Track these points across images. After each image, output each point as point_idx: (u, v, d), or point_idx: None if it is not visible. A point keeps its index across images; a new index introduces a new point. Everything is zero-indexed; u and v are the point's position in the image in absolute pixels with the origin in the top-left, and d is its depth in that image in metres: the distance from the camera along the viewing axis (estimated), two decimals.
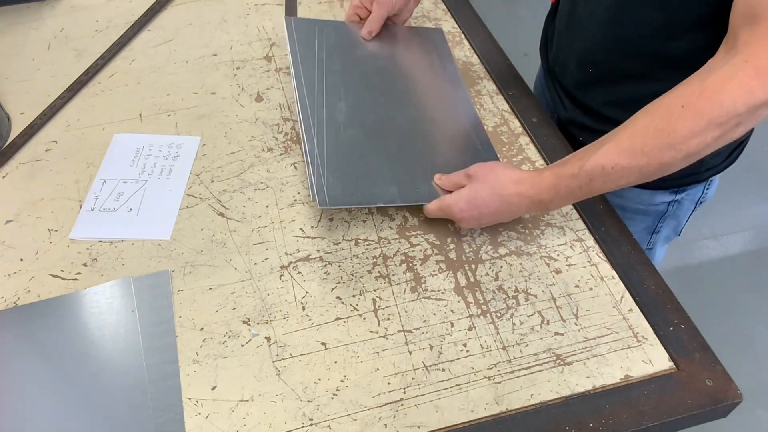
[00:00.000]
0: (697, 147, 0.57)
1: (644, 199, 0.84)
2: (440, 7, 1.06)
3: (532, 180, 0.65)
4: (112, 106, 0.88)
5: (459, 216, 0.68)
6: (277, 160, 0.80)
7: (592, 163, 0.60)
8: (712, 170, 0.82)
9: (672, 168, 0.59)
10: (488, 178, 0.67)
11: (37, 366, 0.61)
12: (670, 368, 0.60)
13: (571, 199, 0.64)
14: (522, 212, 0.69)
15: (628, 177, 0.60)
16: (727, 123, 0.55)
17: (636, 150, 0.58)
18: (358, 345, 0.62)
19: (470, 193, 0.67)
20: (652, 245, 0.92)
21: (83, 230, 0.72)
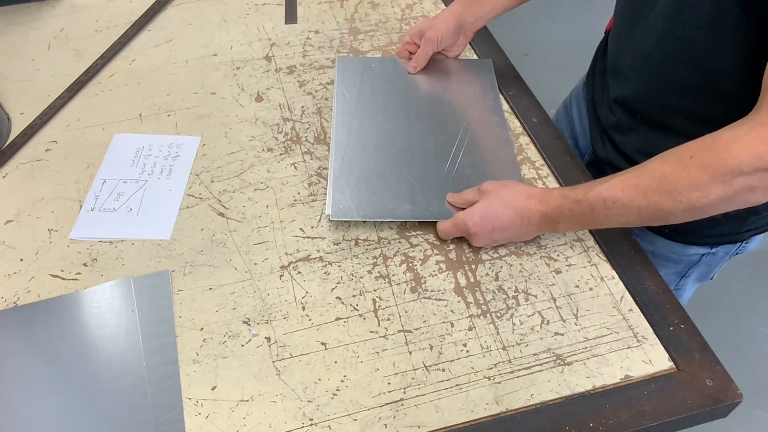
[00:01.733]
0: (699, 201, 0.56)
1: (677, 250, 0.81)
2: (440, 7, 1.06)
3: (542, 195, 0.66)
4: (112, 106, 0.88)
5: (473, 230, 0.67)
6: (277, 160, 0.80)
7: (595, 193, 0.61)
8: (752, 231, 0.78)
9: (673, 217, 0.59)
10: (500, 192, 0.68)
11: (37, 366, 0.61)
12: (670, 368, 0.60)
13: (577, 225, 0.65)
14: (533, 229, 0.67)
15: (628, 215, 0.60)
16: (732, 182, 0.54)
17: (639, 190, 0.59)
18: (358, 345, 0.62)
19: (483, 207, 0.67)
20: (681, 287, 0.89)
21: (83, 230, 0.72)
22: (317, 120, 0.86)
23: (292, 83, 0.91)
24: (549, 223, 0.66)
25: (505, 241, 0.70)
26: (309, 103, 0.88)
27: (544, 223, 0.66)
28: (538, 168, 0.79)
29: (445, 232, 0.70)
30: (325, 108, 0.87)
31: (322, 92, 0.90)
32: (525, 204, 0.66)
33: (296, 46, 0.98)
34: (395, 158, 0.77)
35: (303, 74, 0.93)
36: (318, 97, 0.89)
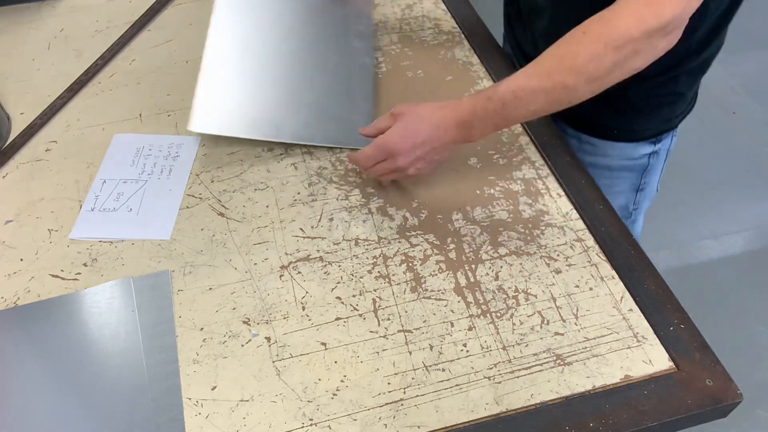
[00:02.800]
0: (597, 70, 0.61)
1: (628, 153, 0.89)
2: (440, 7, 1.06)
3: (454, 104, 0.69)
4: (112, 106, 0.88)
5: (395, 149, 0.69)
6: (277, 160, 0.80)
7: (504, 87, 0.65)
8: (680, 116, 0.88)
9: (577, 93, 0.63)
10: (414, 110, 0.70)
11: (37, 366, 0.61)
12: (670, 368, 0.60)
13: (491, 124, 0.67)
14: (450, 137, 0.69)
15: (536, 101, 0.64)
16: (623, 48, 0.60)
17: (542, 73, 0.63)
18: (358, 345, 0.62)
19: (400, 125, 0.70)
20: (638, 205, 0.97)
21: (83, 230, 0.72)
22: None
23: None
24: (464, 129, 0.68)
25: (428, 156, 0.70)
26: None
27: (459, 129, 0.68)
28: (538, 168, 0.79)
29: (365, 158, 0.71)
30: None
31: None
32: (439, 113, 0.69)
33: None
34: (270, 78, 0.76)
35: None
36: None
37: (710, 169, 1.99)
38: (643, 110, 0.84)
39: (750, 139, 2.08)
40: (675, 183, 1.94)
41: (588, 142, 0.89)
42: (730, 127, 2.13)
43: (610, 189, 0.92)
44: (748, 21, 2.54)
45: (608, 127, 0.87)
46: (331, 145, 0.80)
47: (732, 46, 2.52)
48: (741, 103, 2.20)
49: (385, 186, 0.77)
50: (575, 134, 0.90)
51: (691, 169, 1.99)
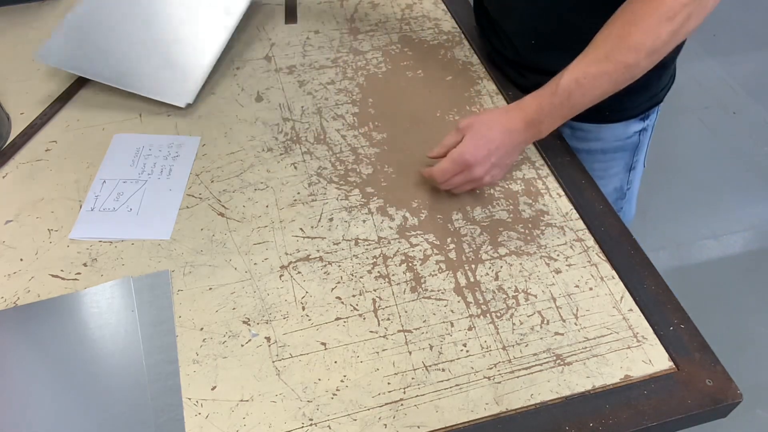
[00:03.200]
0: (654, 43, 0.62)
1: (620, 133, 0.90)
2: (440, 7, 1.06)
3: (518, 104, 0.71)
4: (112, 106, 0.88)
5: (472, 160, 0.69)
6: (277, 160, 0.80)
7: (566, 79, 0.67)
8: (665, 89, 0.90)
9: (638, 68, 0.65)
10: (480, 119, 0.71)
11: (37, 366, 0.61)
12: (670, 368, 0.60)
13: (558, 117, 0.69)
14: (522, 138, 0.71)
15: (601, 85, 0.66)
16: (676, 16, 0.61)
17: (600, 58, 0.65)
18: (358, 345, 0.62)
19: (472, 136, 0.70)
20: (630, 184, 0.98)
21: (83, 230, 0.72)
22: (317, 120, 0.86)
23: (292, 83, 0.91)
24: (533, 127, 0.70)
25: (502, 161, 0.71)
26: (309, 103, 0.88)
27: (529, 128, 0.70)
28: (538, 168, 0.79)
29: (442, 172, 0.71)
30: (325, 108, 0.87)
31: (322, 92, 0.90)
32: (506, 118, 0.70)
33: (296, 46, 0.98)
34: (126, 31, 0.81)
35: (303, 74, 0.93)
36: (318, 97, 0.89)
37: (710, 169, 1.99)
38: (631, 88, 0.84)
39: (750, 139, 2.08)
40: (675, 183, 1.94)
41: (580, 129, 0.90)
42: (730, 127, 2.13)
43: (606, 172, 0.93)
44: (748, 21, 2.54)
45: (600, 110, 0.87)
46: (153, 97, 0.86)
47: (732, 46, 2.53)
48: (741, 103, 2.20)
49: (384, 186, 0.77)
50: (567, 122, 0.91)
51: (692, 169, 1.99)
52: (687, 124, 2.13)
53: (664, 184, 1.93)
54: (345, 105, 0.88)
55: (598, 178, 0.80)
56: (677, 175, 1.97)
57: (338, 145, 0.82)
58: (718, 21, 2.52)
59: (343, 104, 0.88)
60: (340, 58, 0.96)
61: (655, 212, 1.86)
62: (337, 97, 0.89)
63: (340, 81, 0.92)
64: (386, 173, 0.79)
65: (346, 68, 0.94)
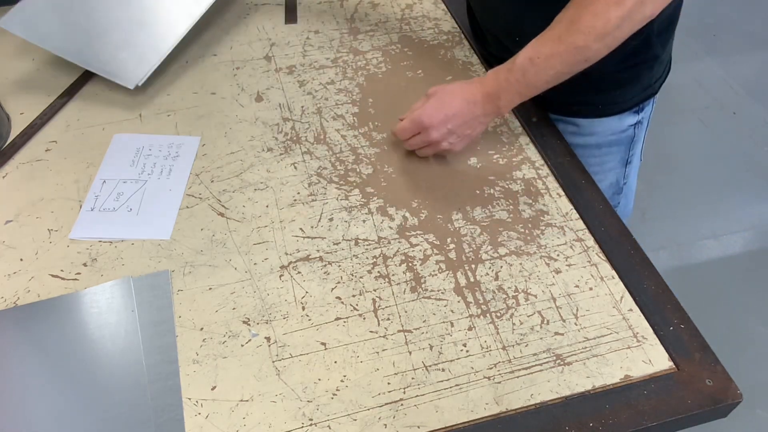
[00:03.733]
0: (604, 27, 0.64)
1: (614, 127, 0.90)
2: (440, 7, 1.06)
3: (479, 80, 0.74)
4: (112, 106, 0.88)
5: (428, 122, 0.73)
6: (277, 160, 0.80)
7: (521, 57, 0.70)
8: (659, 81, 0.90)
9: (589, 51, 0.66)
10: (445, 88, 0.76)
11: (37, 366, 0.61)
12: (670, 368, 0.60)
13: (515, 93, 0.71)
14: (480, 110, 0.73)
15: (553, 65, 0.68)
16: (625, 1, 0.62)
17: (553, 38, 0.68)
18: (358, 345, 0.62)
19: (433, 101, 0.75)
20: (627, 178, 0.98)
21: (83, 230, 0.72)
22: (317, 120, 0.86)
23: (292, 83, 0.91)
24: (491, 101, 0.72)
25: (459, 130, 0.74)
26: (309, 103, 0.88)
27: (487, 101, 0.73)
28: (538, 168, 0.79)
29: (401, 130, 0.77)
30: (325, 108, 0.87)
31: (322, 92, 0.90)
32: (467, 89, 0.74)
33: (296, 46, 0.98)
34: (88, 8, 0.82)
35: (303, 74, 0.93)
36: (318, 97, 0.89)
37: (710, 169, 1.99)
38: (624, 81, 0.85)
39: (750, 139, 2.08)
40: (675, 183, 1.94)
41: (573, 124, 0.90)
42: (730, 127, 2.13)
43: (602, 167, 0.94)
44: (748, 21, 2.54)
45: (592, 104, 0.88)
46: (105, 76, 0.87)
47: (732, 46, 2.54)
48: (741, 103, 2.20)
49: (384, 186, 0.77)
50: (560, 118, 0.91)
51: (692, 169, 1.99)
52: (687, 124, 2.13)
53: (664, 184, 1.93)
54: (345, 105, 0.88)
55: (594, 174, 0.81)
56: (677, 175, 1.97)
57: (338, 145, 0.82)
58: (718, 21, 2.52)
59: (343, 104, 0.88)
60: (340, 58, 0.96)
61: (655, 212, 1.86)
62: (337, 97, 0.89)
63: (340, 81, 0.92)
64: (386, 173, 0.79)
65: (346, 68, 0.94)
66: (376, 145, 0.82)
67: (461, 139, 0.75)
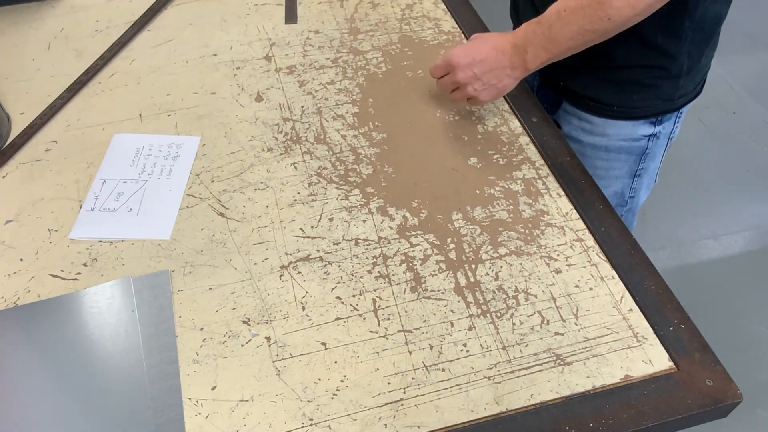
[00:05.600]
0: None
1: (627, 133, 0.89)
2: (440, 7, 1.06)
3: (511, 32, 0.77)
4: (112, 106, 0.88)
5: (455, 61, 0.76)
6: (277, 160, 0.80)
7: (550, 10, 0.72)
8: (683, 98, 0.88)
9: (612, 8, 0.67)
10: (481, 35, 0.79)
11: (37, 366, 0.61)
12: (670, 368, 0.60)
13: (541, 47, 0.73)
14: (507, 60, 0.75)
15: (577, 19, 0.70)
16: None
17: None
18: (358, 345, 0.62)
19: (465, 45, 0.78)
20: (634, 192, 0.97)
21: (83, 230, 0.72)
22: (317, 120, 0.86)
23: (292, 83, 0.91)
24: (519, 53, 0.74)
25: (485, 77, 0.76)
26: (309, 103, 0.88)
27: (515, 52, 0.74)
28: (538, 168, 0.79)
29: (434, 68, 0.81)
30: (325, 108, 0.87)
31: (322, 92, 0.90)
32: (498, 38, 0.76)
33: (296, 46, 0.98)
34: None
35: (303, 74, 0.93)
36: (318, 97, 0.89)
37: (710, 169, 1.99)
38: (643, 85, 0.84)
39: (750, 139, 2.08)
40: (675, 183, 1.94)
41: (587, 120, 0.90)
42: (730, 127, 2.13)
43: (607, 173, 0.93)
44: (748, 21, 2.53)
45: (608, 103, 0.87)
46: None
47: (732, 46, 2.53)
48: (741, 103, 2.20)
49: (384, 186, 0.77)
50: (574, 112, 0.90)
51: (691, 169, 1.99)
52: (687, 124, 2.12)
53: (664, 184, 1.93)
54: (345, 105, 0.88)
55: (599, 178, 0.81)
56: (677, 174, 1.97)
57: (338, 145, 0.82)
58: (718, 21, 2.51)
59: (343, 104, 0.88)
60: (340, 58, 0.96)
61: (655, 212, 1.86)
62: (337, 97, 0.89)
63: (340, 81, 0.92)
64: (386, 173, 0.79)
65: (346, 68, 0.94)
66: (376, 145, 0.82)
67: (487, 88, 0.77)
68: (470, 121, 0.85)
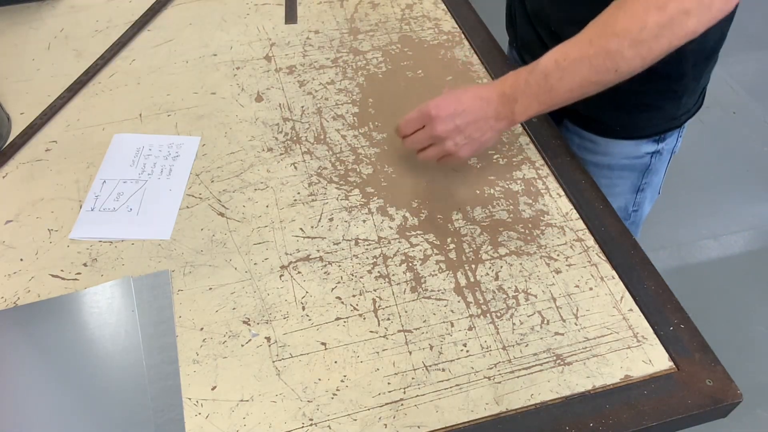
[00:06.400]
0: (641, 33, 0.58)
1: (630, 152, 0.87)
2: (440, 7, 1.06)
3: (498, 79, 0.69)
4: (112, 106, 0.88)
5: (435, 113, 0.67)
6: (277, 160, 0.80)
7: (546, 58, 0.64)
8: (686, 114, 0.86)
9: (621, 58, 0.60)
10: (461, 86, 0.71)
11: (37, 366, 0.61)
12: (670, 368, 0.60)
13: (533, 98, 0.65)
14: (492, 110, 0.67)
15: (580, 70, 0.62)
16: (667, 6, 0.56)
17: (583, 41, 0.62)
18: (358, 345, 0.62)
19: (445, 95, 0.69)
20: (638, 206, 0.95)
21: (83, 230, 0.72)
22: (317, 120, 0.86)
23: (292, 83, 0.91)
24: (507, 103, 0.66)
25: (468, 129, 0.68)
26: (309, 103, 0.88)
27: (502, 102, 0.67)
28: (538, 168, 0.79)
29: (406, 122, 0.71)
30: (325, 108, 0.87)
31: (322, 92, 0.90)
32: (483, 87, 0.69)
33: (296, 46, 0.98)
34: None
35: (303, 74, 0.93)
36: (318, 97, 0.89)
37: (710, 169, 1.99)
38: (646, 106, 0.82)
39: (750, 139, 2.08)
40: (675, 183, 1.94)
41: (589, 140, 0.89)
42: (730, 127, 2.13)
43: (610, 190, 0.92)
44: (748, 21, 2.53)
45: (610, 124, 0.86)
46: None
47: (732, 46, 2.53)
48: (741, 103, 2.20)
49: (384, 186, 0.77)
50: (576, 131, 0.89)
51: (691, 169, 1.99)
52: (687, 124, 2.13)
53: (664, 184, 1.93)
54: (345, 105, 0.88)
55: None
56: (677, 174, 1.97)
57: (338, 145, 0.82)
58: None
59: (343, 104, 0.88)
60: (340, 58, 0.96)
61: (655, 212, 1.86)
62: (337, 97, 0.89)
63: (340, 81, 0.92)
64: (386, 173, 0.79)
65: (346, 68, 0.94)
66: (376, 145, 0.82)
67: (469, 142, 0.69)
68: None
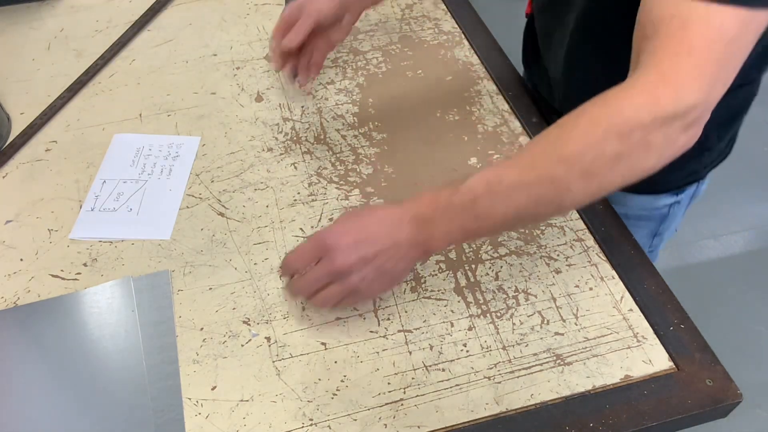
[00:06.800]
0: (593, 162, 0.48)
1: (647, 205, 0.82)
2: (440, 7, 1.06)
3: (413, 198, 0.56)
4: (112, 106, 0.88)
5: (333, 243, 0.55)
6: (277, 160, 0.80)
7: (476, 177, 0.52)
8: (709, 167, 0.82)
9: (569, 190, 0.50)
10: (364, 208, 0.60)
11: (37, 366, 0.61)
12: (670, 368, 0.60)
13: (455, 223, 0.54)
14: (404, 235, 0.55)
15: (515, 198, 0.51)
16: (629, 135, 0.47)
17: (524, 163, 0.51)
18: (358, 345, 0.62)
19: (342, 219, 0.58)
20: (653, 248, 0.92)
21: (83, 230, 0.72)
22: (317, 120, 0.86)
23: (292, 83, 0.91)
24: (423, 226, 0.54)
25: (377, 261, 0.55)
26: (309, 103, 0.88)
27: (416, 225, 0.55)
28: None
29: (298, 255, 0.58)
30: (325, 108, 0.87)
31: (322, 92, 0.90)
32: (393, 209, 0.56)
33: None
34: None
35: None
36: (318, 97, 0.89)
37: None
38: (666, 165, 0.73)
39: (750, 139, 2.08)
40: None
41: None
42: None
43: None
44: None
45: None
46: None
47: None
48: None
49: (384, 186, 0.77)
50: None
51: None
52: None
53: None
54: (345, 105, 0.88)
55: None
56: None
57: (338, 145, 0.82)
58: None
59: (343, 104, 0.88)
60: (340, 58, 0.96)
61: None
62: (337, 97, 0.89)
63: (340, 81, 0.92)
64: (386, 173, 0.79)
65: (346, 68, 0.94)
66: (376, 145, 0.82)
67: (378, 275, 0.56)
68: (470, 121, 0.85)
